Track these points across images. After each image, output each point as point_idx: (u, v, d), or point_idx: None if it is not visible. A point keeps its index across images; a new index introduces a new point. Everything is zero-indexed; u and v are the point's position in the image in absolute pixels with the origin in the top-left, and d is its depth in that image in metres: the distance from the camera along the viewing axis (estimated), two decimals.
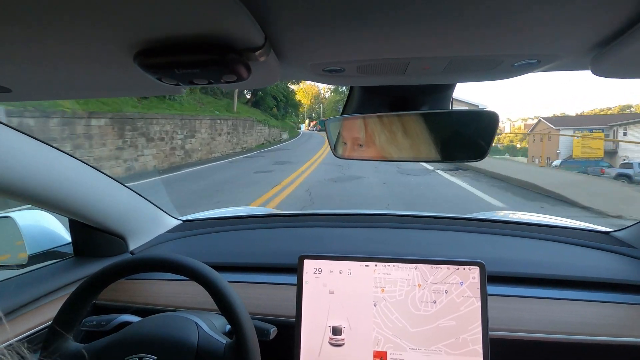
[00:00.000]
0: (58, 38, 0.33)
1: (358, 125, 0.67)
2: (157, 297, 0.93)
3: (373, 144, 0.66)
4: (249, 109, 22.89)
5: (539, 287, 0.84)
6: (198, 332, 0.64)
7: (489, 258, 0.73)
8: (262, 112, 24.95)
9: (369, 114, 0.65)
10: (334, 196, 6.26)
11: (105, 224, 0.97)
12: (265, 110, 26.38)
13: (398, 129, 0.63)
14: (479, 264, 0.70)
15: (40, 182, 0.75)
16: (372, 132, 0.65)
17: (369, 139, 0.66)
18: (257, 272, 0.98)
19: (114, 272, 0.66)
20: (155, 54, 0.35)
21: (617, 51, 0.37)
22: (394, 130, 0.63)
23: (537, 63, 0.44)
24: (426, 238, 1.08)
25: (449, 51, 0.41)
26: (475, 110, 0.64)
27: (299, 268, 0.75)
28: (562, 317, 0.75)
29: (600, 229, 1.05)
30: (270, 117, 26.47)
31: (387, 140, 0.64)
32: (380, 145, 0.65)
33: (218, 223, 1.25)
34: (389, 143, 0.65)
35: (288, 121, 34.68)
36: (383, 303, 0.71)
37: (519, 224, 1.09)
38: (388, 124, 0.64)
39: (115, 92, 0.58)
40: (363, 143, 0.67)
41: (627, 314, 0.76)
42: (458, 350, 0.67)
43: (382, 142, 0.65)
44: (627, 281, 0.84)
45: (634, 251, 0.93)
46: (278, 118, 29.03)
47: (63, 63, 0.41)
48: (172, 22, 0.31)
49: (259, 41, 0.35)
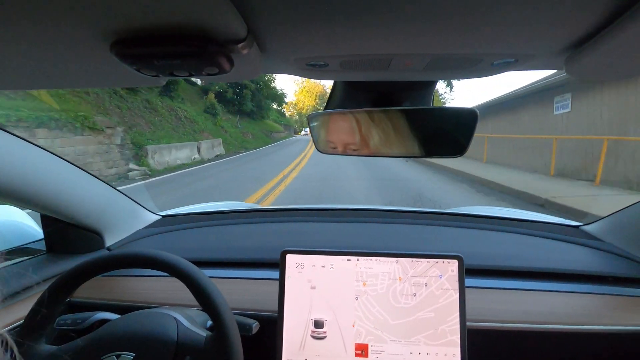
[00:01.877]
0: (28, 23, 0.32)
1: (340, 120, 0.67)
2: (136, 294, 0.90)
3: (355, 140, 0.66)
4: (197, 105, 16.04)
5: (513, 279, 0.87)
6: (177, 327, 0.63)
7: (467, 252, 0.76)
8: (224, 108, 18.37)
9: (352, 110, 0.65)
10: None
11: (79, 219, 0.93)
12: (228, 105, 19.54)
13: (380, 124, 0.64)
14: (458, 257, 0.72)
15: (7, 175, 0.71)
16: (354, 127, 0.65)
17: (351, 134, 0.66)
18: (238, 268, 0.97)
19: (89, 269, 0.64)
20: (134, 44, 0.34)
21: (590, 52, 0.39)
22: (377, 126, 0.64)
23: (515, 62, 0.46)
24: (407, 232, 1.10)
25: (430, 48, 0.42)
26: (455, 108, 0.65)
27: (281, 263, 0.75)
28: (534, 307, 0.79)
29: (571, 223, 1.10)
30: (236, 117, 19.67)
31: (370, 136, 0.65)
32: (363, 141, 0.66)
33: (198, 218, 1.23)
34: (371, 138, 0.65)
35: (269, 122, 26.18)
36: (365, 296, 0.72)
37: (496, 219, 1.13)
38: (371, 119, 0.64)
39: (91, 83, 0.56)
40: (345, 138, 0.67)
41: (594, 303, 0.80)
42: (437, 341, 0.69)
43: (365, 137, 0.65)
44: (595, 272, 0.88)
45: (601, 244, 0.98)
46: (255, 117, 20.56)
47: (34, 50, 0.39)
48: (151, 10, 0.29)
49: (241, 33, 0.34)
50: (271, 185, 7.10)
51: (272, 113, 36.90)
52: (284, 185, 7.12)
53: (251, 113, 19.75)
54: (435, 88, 0.68)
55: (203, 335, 0.62)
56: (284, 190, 6.51)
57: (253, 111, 20.90)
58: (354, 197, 5.79)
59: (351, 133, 0.66)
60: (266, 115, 22.88)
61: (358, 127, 0.65)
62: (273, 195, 6.06)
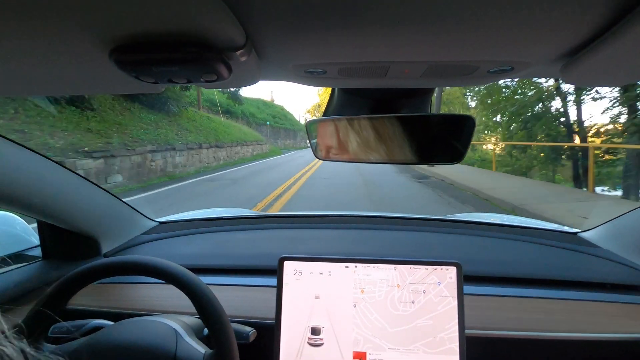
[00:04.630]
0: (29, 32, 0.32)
1: (339, 127, 0.67)
2: (132, 301, 0.90)
3: (353, 146, 0.67)
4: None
5: (511, 286, 0.87)
6: (177, 340, 0.62)
7: (466, 258, 0.76)
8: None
9: (350, 117, 0.66)
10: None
11: (76, 225, 0.93)
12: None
13: (379, 131, 0.64)
14: (456, 264, 0.71)
15: (4, 181, 0.71)
16: (352, 134, 0.66)
17: (349, 141, 0.66)
18: (236, 275, 0.96)
19: (86, 276, 0.64)
20: (132, 51, 0.34)
21: (586, 59, 0.39)
22: (374, 133, 0.64)
23: (511, 70, 0.46)
24: (405, 239, 1.10)
25: (427, 56, 0.42)
26: (452, 115, 0.66)
27: (279, 270, 0.75)
28: (533, 314, 0.79)
29: (569, 230, 1.10)
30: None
31: (367, 143, 0.65)
32: (361, 147, 0.66)
33: (196, 225, 1.23)
34: (369, 145, 0.65)
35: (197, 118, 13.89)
36: (363, 304, 0.72)
37: (494, 225, 1.13)
38: (369, 126, 0.64)
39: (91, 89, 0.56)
40: (343, 145, 0.68)
41: (593, 310, 0.80)
42: (435, 349, 0.69)
43: (363, 144, 0.66)
44: (593, 279, 0.88)
45: (599, 251, 0.98)
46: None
47: (34, 57, 0.39)
48: (150, 18, 0.30)
49: (240, 41, 0.34)
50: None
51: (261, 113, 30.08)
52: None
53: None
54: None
55: (202, 352, 0.61)
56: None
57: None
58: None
59: (349, 140, 0.66)
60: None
61: (356, 134, 0.65)
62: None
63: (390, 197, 6.63)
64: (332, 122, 0.68)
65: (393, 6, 0.30)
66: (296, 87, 25.10)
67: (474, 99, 19.67)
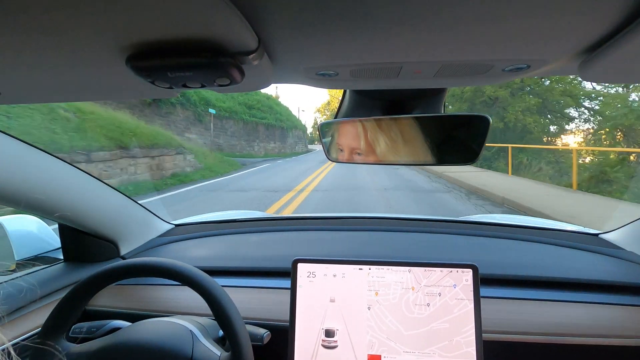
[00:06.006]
0: (49, 41, 0.33)
1: (351, 128, 0.67)
2: (149, 302, 0.91)
3: (366, 148, 0.66)
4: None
5: (530, 288, 0.85)
6: (193, 342, 0.63)
7: (482, 260, 0.74)
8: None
9: (362, 118, 0.66)
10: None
11: (96, 229, 0.95)
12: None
13: (391, 132, 0.64)
14: (472, 266, 0.70)
15: (29, 186, 0.73)
16: (365, 135, 0.65)
17: (361, 142, 0.66)
18: (250, 277, 0.97)
19: (105, 277, 0.65)
20: (148, 57, 0.35)
21: (605, 56, 0.38)
22: (387, 134, 0.64)
23: (527, 68, 0.45)
24: (419, 241, 1.08)
25: (440, 56, 0.42)
26: (466, 114, 0.65)
27: (292, 272, 0.75)
28: (553, 318, 0.76)
29: (590, 231, 1.06)
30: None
31: (380, 144, 0.65)
32: (374, 149, 0.66)
33: (211, 227, 1.24)
34: (382, 146, 0.65)
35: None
36: (377, 306, 0.71)
37: (511, 227, 1.11)
38: (381, 127, 0.64)
39: (108, 96, 0.58)
40: (356, 147, 0.67)
41: (616, 314, 0.77)
42: (452, 353, 0.67)
43: (375, 145, 0.65)
44: (616, 282, 0.85)
45: (622, 252, 0.94)
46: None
47: (54, 66, 0.40)
48: (165, 25, 0.30)
49: (252, 45, 0.35)
50: None
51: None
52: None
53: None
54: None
55: (217, 354, 0.62)
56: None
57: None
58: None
59: (362, 141, 0.66)
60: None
61: (369, 136, 0.65)
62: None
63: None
64: (345, 124, 0.68)
65: (404, 6, 0.30)
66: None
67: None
